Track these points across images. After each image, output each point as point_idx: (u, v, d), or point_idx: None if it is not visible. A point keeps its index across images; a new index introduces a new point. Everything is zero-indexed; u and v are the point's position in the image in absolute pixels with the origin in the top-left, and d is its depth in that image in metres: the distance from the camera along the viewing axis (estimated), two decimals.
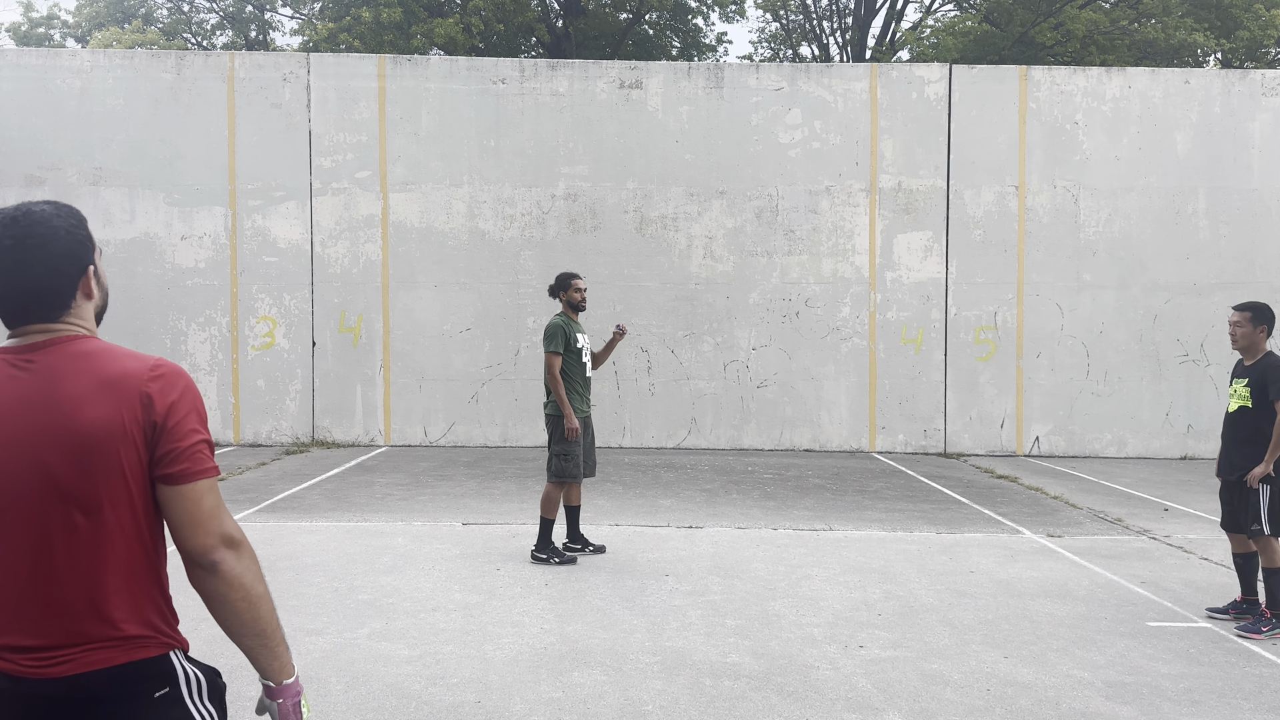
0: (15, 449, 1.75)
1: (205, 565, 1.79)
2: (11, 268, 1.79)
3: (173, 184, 13.06)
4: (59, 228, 1.82)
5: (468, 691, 4.54)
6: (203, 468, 1.81)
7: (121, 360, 1.81)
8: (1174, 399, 13.26)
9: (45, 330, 1.84)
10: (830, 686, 4.68)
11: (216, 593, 1.80)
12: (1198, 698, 4.63)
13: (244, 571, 1.81)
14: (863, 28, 27.30)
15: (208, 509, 1.80)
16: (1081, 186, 13.28)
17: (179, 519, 1.79)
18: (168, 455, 1.78)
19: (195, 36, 26.68)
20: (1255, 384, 5.63)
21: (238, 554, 1.82)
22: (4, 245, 1.78)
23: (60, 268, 1.82)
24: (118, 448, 1.75)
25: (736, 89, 13.31)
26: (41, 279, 1.81)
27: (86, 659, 1.74)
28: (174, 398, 1.80)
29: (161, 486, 1.80)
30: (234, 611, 1.81)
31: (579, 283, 7.11)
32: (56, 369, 1.78)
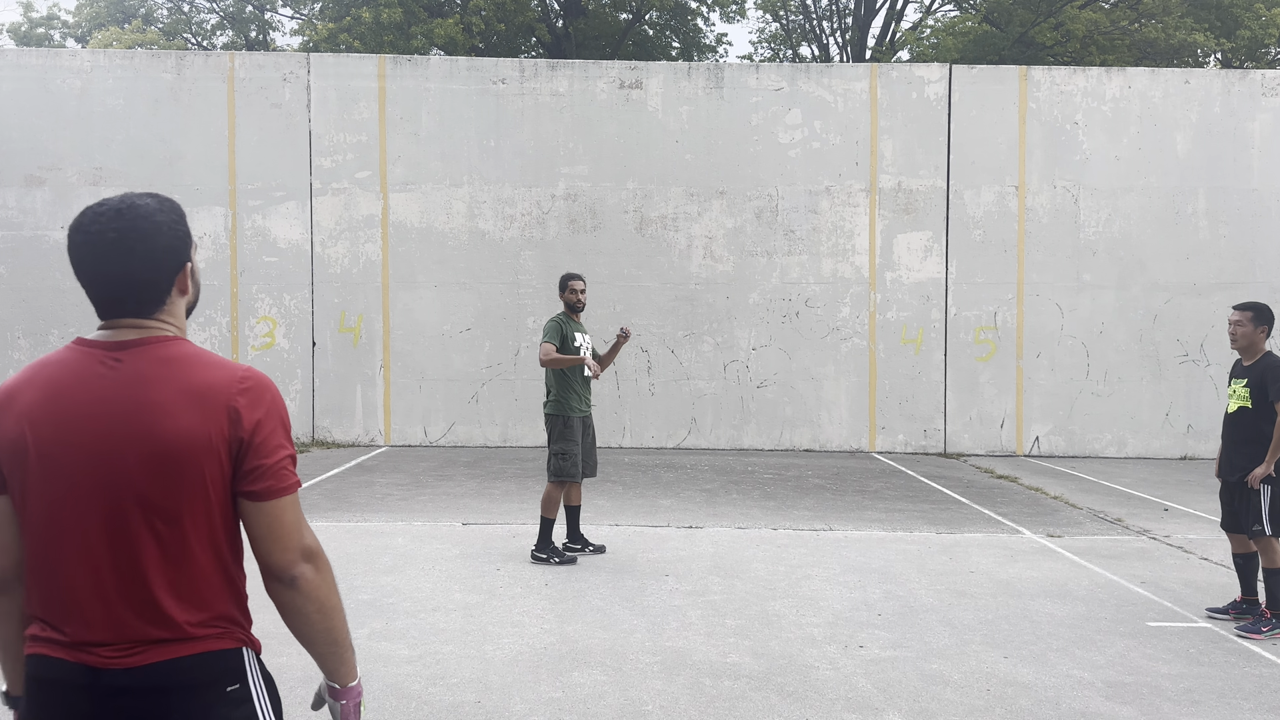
0: (97, 453, 1.74)
1: (284, 580, 1.80)
2: (113, 260, 1.78)
3: (173, 184, 13.05)
4: (162, 222, 1.81)
5: (468, 691, 4.54)
6: (286, 484, 1.81)
7: (209, 369, 1.79)
8: (1174, 399, 13.26)
9: (137, 327, 1.83)
10: (830, 686, 4.68)
11: (293, 605, 1.82)
12: (1198, 698, 4.63)
13: (321, 584, 1.84)
14: (863, 28, 27.31)
15: (289, 524, 1.81)
16: (1081, 186, 13.28)
17: (260, 534, 1.80)
18: (253, 472, 1.78)
19: (195, 36, 26.67)
20: (1255, 384, 5.63)
21: (316, 567, 1.84)
22: (107, 238, 1.77)
23: (161, 262, 1.81)
24: (201, 461, 1.74)
25: (736, 89, 13.31)
26: (141, 273, 1.80)
27: (161, 651, 1.75)
28: (261, 414, 1.79)
29: (244, 501, 1.79)
30: (309, 623, 1.84)
31: (576, 284, 7.13)
32: (143, 373, 1.77)
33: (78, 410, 1.76)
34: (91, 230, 1.78)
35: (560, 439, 6.91)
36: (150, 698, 1.74)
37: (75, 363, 1.82)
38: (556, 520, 7.05)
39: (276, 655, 4.91)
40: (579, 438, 6.96)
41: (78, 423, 1.75)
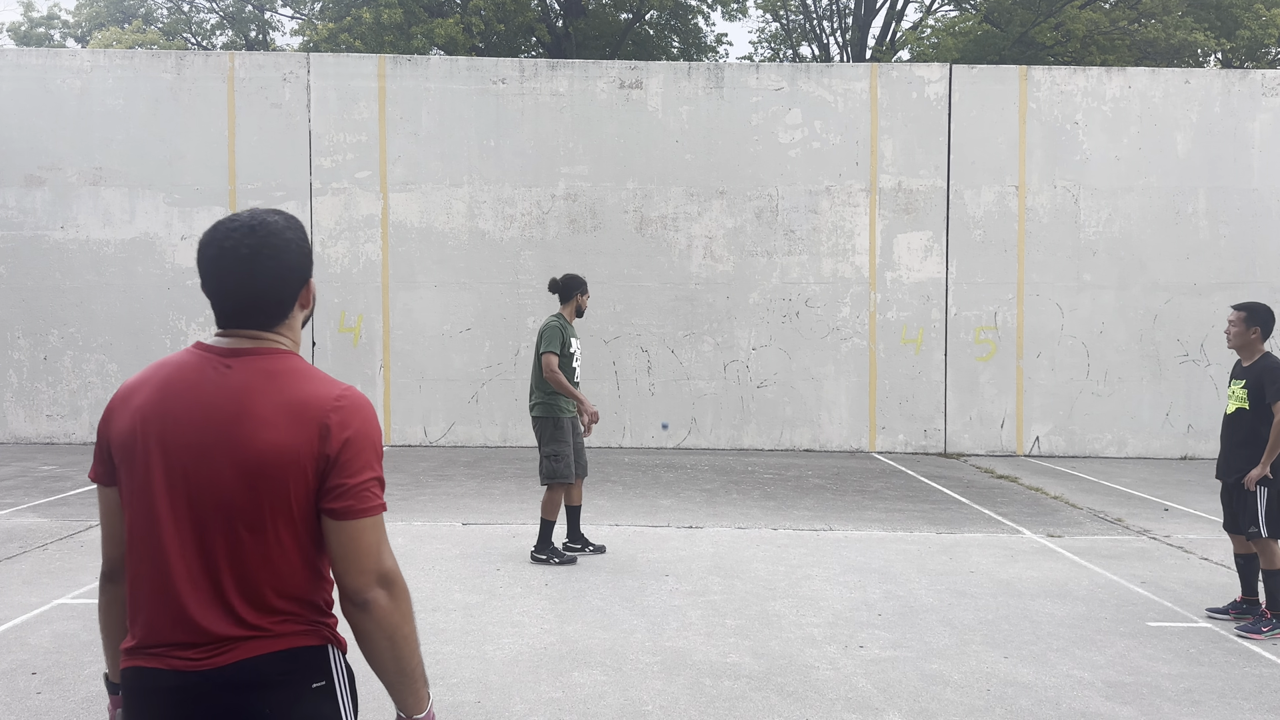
0: (194, 456, 1.79)
1: (357, 603, 1.80)
2: (245, 276, 1.84)
3: (172, 184, 13.06)
4: (290, 240, 1.88)
5: (468, 691, 4.54)
6: (366, 506, 1.80)
7: (310, 384, 1.83)
8: (1174, 399, 13.26)
9: (254, 337, 1.88)
10: (830, 686, 4.68)
11: (364, 630, 1.82)
12: (1198, 698, 4.62)
13: (393, 612, 1.82)
14: (863, 28, 27.30)
15: (366, 546, 1.80)
16: (1081, 186, 13.28)
17: (337, 553, 1.80)
18: (335, 490, 1.79)
19: (195, 36, 26.67)
20: (1252, 386, 5.62)
21: (390, 594, 1.82)
22: (240, 253, 1.83)
23: (288, 279, 1.88)
24: (288, 474, 1.77)
25: (736, 89, 13.31)
26: (270, 289, 1.86)
27: (246, 649, 1.78)
28: (350, 433, 1.80)
29: (325, 518, 1.81)
30: (378, 650, 1.83)
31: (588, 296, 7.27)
32: (250, 385, 1.81)
33: (184, 413, 1.81)
34: (225, 245, 1.84)
35: (551, 440, 6.88)
36: (237, 694, 1.77)
37: (190, 366, 1.87)
38: (558, 521, 7.04)
39: None
40: (569, 438, 6.94)
41: (182, 425, 1.80)
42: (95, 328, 13.03)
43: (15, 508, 8.69)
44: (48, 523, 8.07)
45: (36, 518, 8.26)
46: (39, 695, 4.42)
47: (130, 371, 12.99)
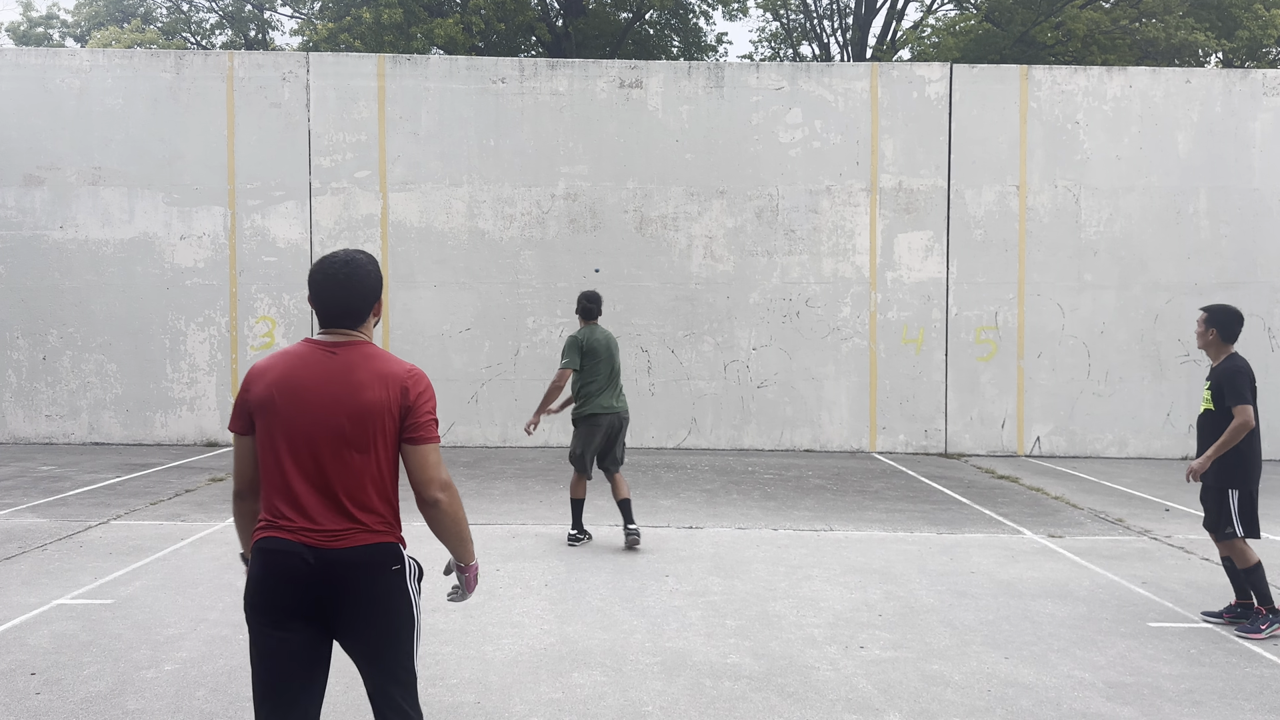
0: (319, 410, 2.72)
1: (429, 500, 2.78)
2: (341, 293, 2.82)
3: (172, 184, 13.05)
4: (370, 271, 2.87)
5: (468, 692, 4.53)
6: (432, 435, 2.80)
7: (390, 362, 2.82)
8: (1175, 399, 13.25)
9: (347, 335, 2.84)
10: (830, 687, 4.67)
11: (435, 518, 2.80)
12: (1199, 698, 4.61)
13: (452, 504, 2.82)
14: (863, 27, 27.29)
15: (433, 462, 2.79)
16: (1082, 186, 13.27)
17: (414, 467, 2.78)
18: (412, 425, 2.78)
19: (194, 36, 26.66)
20: (1214, 388, 5.71)
21: (449, 495, 2.81)
22: (338, 279, 2.82)
23: (367, 296, 2.85)
24: (383, 417, 2.75)
25: (737, 88, 13.29)
26: (356, 302, 2.84)
27: (355, 538, 2.71)
28: (418, 391, 2.80)
29: (405, 445, 2.79)
30: (444, 528, 2.82)
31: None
32: (352, 362, 2.78)
33: (308, 382, 2.75)
34: (328, 272, 2.83)
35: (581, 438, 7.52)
36: (347, 569, 2.70)
37: (307, 353, 2.80)
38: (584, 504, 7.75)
39: None
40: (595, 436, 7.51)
41: (307, 390, 2.74)
42: (94, 328, 13.02)
43: (14, 508, 8.68)
44: (47, 523, 8.06)
45: (35, 518, 8.25)
46: (38, 695, 4.41)
47: (130, 371, 12.99)
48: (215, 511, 8.48)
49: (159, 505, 8.83)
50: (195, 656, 4.92)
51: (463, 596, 3.05)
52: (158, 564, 6.75)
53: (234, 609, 5.67)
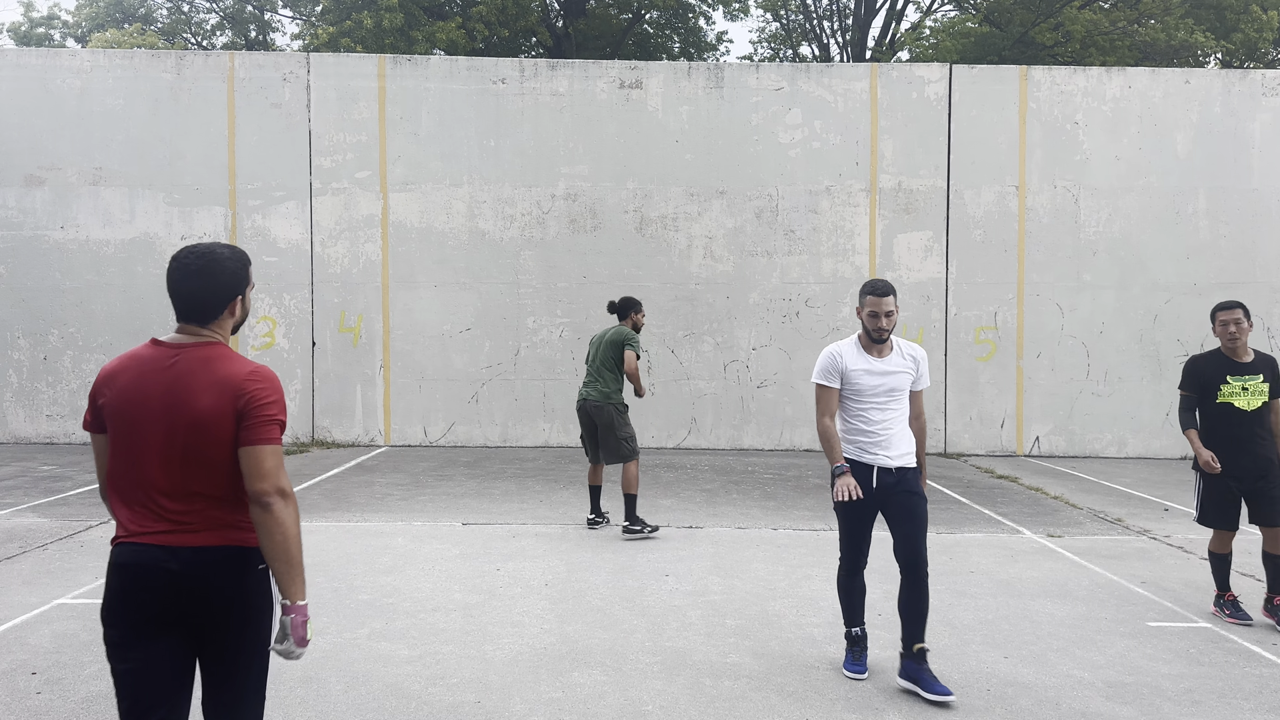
0: (160, 417, 2.60)
1: (260, 504, 2.56)
2: (193, 286, 2.69)
3: (172, 184, 13.06)
4: (227, 267, 2.73)
5: (468, 691, 4.54)
6: (264, 436, 2.58)
7: (233, 365, 2.65)
8: (1174, 399, 13.25)
9: (195, 334, 2.70)
10: (830, 686, 4.68)
11: (262, 524, 2.56)
12: (1198, 698, 4.62)
13: (286, 512, 2.57)
14: (863, 28, 27.30)
15: (269, 466, 2.57)
16: (1082, 186, 13.28)
17: (246, 470, 2.57)
18: (246, 427, 2.59)
19: (195, 37, 26.67)
20: (1272, 379, 5.75)
21: (285, 501, 2.57)
22: (191, 269, 2.69)
23: (219, 292, 2.71)
24: (219, 426, 2.59)
25: (736, 89, 13.31)
26: (207, 296, 2.70)
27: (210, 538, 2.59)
28: (255, 389, 2.61)
29: (239, 449, 2.59)
30: (272, 540, 2.56)
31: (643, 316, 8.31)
32: (191, 368, 2.63)
33: (148, 391, 2.63)
34: (182, 262, 2.70)
35: (626, 424, 7.86)
36: (208, 568, 2.57)
37: (149, 359, 2.67)
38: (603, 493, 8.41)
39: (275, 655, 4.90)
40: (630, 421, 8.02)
41: (148, 400, 2.62)
42: (95, 328, 13.03)
43: (15, 508, 8.69)
44: (48, 523, 8.07)
45: (36, 518, 8.26)
46: (39, 695, 4.42)
47: None
48: None
49: None
50: None
51: (289, 648, 2.60)
52: None
53: None
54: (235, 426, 2.58)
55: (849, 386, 4.74)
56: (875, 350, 4.75)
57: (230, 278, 2.71)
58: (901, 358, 4.75)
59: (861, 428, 4.74)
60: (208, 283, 2.68)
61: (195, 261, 2.68)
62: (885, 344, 4.75)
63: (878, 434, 4.69)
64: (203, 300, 2.68)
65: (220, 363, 2.64)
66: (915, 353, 4.80)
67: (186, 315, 2.70)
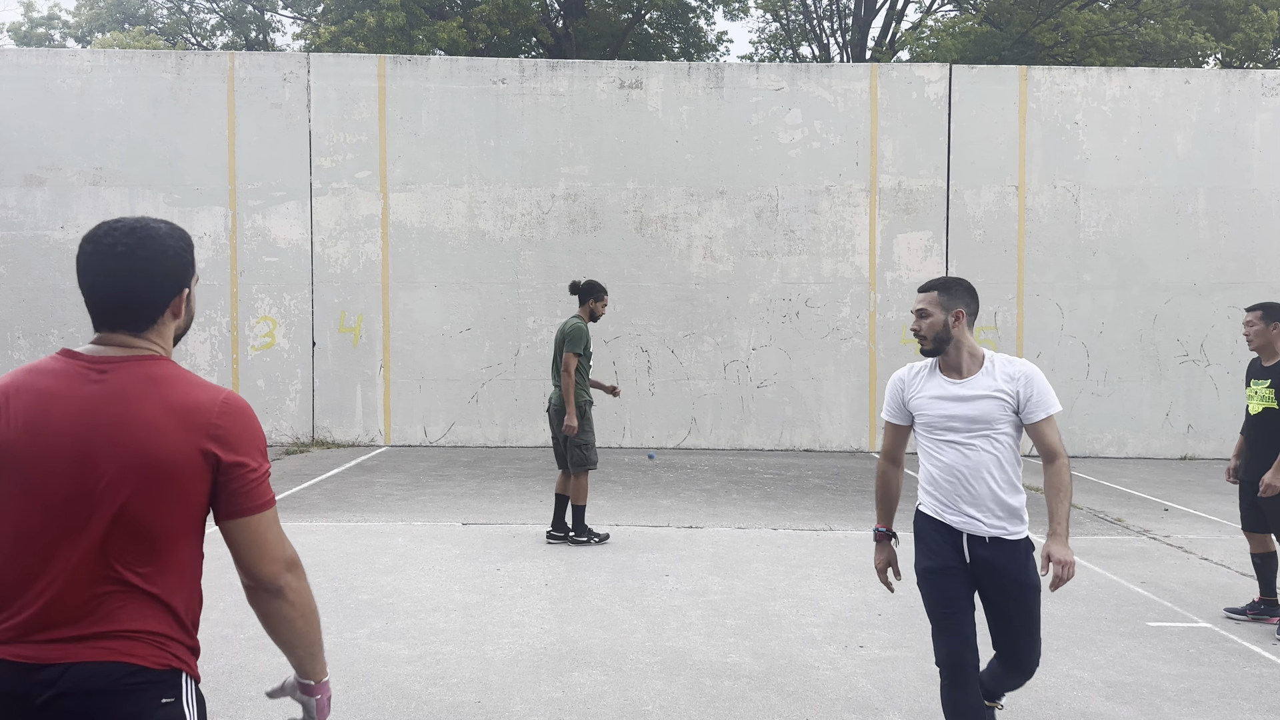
0: (76, 461, 1.79)
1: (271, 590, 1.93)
2: (118, 275, 1.87)
3: (173, 184, 13.06)
4: (169, 247, 1.92)
5: (468, 691, 4.54)
6: (264, 499, 1.89)
7: (192, 389, 1.87)
8: (1174, 399, 13.26)
9: (126, 344, 1.91)
10: (830, 686, 4.68)
11: (280, 613, 1.94)
12: (1198, 698, 4.62)
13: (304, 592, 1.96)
14: (863, 28, 27.30)
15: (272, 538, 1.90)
16: (1081, 186, 13.28)
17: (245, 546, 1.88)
18: (236, 490, 1.85)
19: (195, 37, 26.67)
20: (1278, 385, 5.59)
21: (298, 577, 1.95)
22: (116, 251, 1.87)
23: (161, 284, 1.91)
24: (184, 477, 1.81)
25: (736, 89, 13.31)
26: (141, 290, 1.89)
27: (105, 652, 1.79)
28: (240, 430, 1.86)
29: (226, 521, 1.87)
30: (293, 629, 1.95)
31: (607, 300, 7.63)
32: (128, 391, 1.83)
33: (61, 424, 1.80)
34: (103, 242, 1.87)
35: (580, 430, 7.34)
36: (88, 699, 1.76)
37: (62, 375, 1.87)
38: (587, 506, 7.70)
39: (276, 654, 4.91)
40: (593, 427, 7.51)
41: (61, 432, 1.80)
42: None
43: None
44: None
45: None
46: None
47: None
48: None
49: None
50: None
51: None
52: None
53: (234, 609, 5.68)
54: (209, 481, 1.83)
55: (919, 418, 3.56)
56: (951, 370, 3.52)
57: (174, 263, 1.92)
58: (993, 379, 3.45)
59: (934, 474, 3.50)
60: (142, 270, 1.87)
61: (123, 242, 1.87)
62: (965, 360, 3.50)
63: (958, 485, 3.44)
64: (136, 297, 1.89)
65: (172, 386, 1.85)
66: (1018, 370, 3.49)
67: (111, 319, 1.91)
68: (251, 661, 4.87)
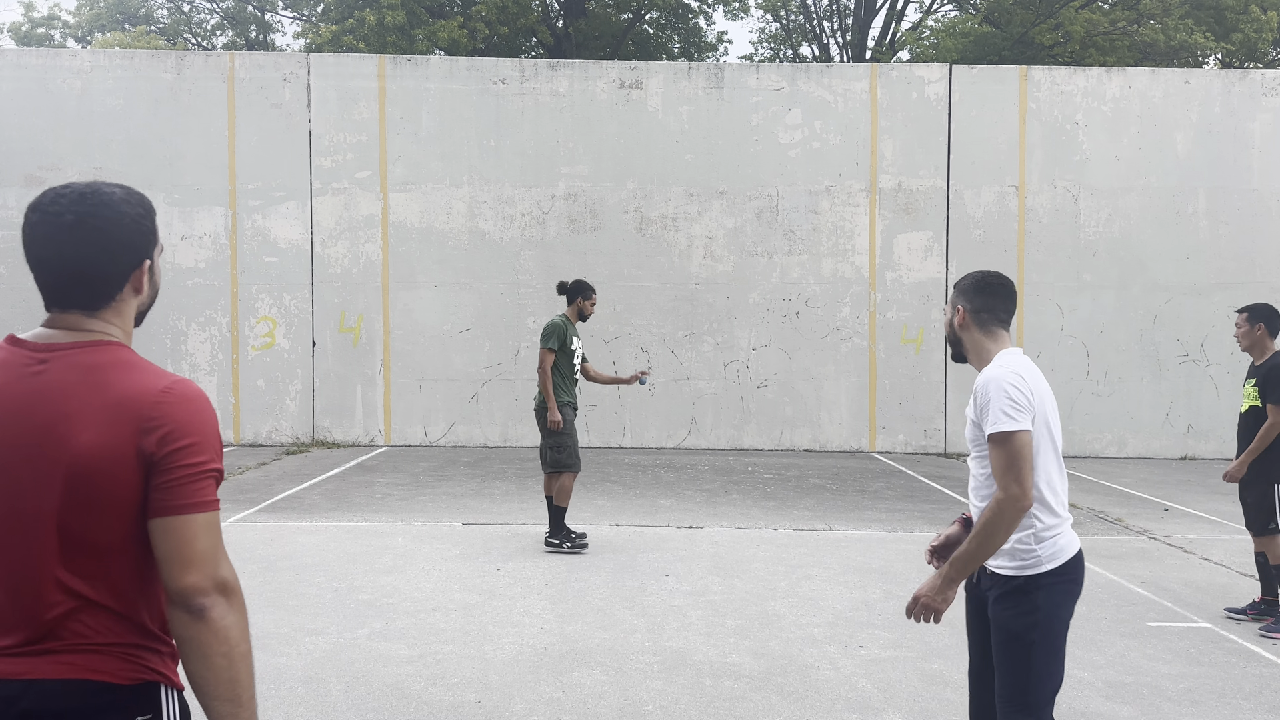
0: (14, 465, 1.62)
1: (191, 609, 1.63)
2: (68, 246, 1.67)
3: (173, 184, 13.06)
4: (126, 214, 1.70)
5: (468, 691, 4.54)
6: (196, 499, 1.63)
7: (135, 378, 1.65)
8: (1174, 399, 13.26)
9: (75, 328, 1.71)
10: (830, 686, 4.68)
11: (197, 641, 1.63)
12: (1198, 698, 4.62)
13: (234, 624, 1.64)
14: (863, 28, 27.30)
15: (201, 548, 1.62)
16: (1081, 186, 13.28)
17: (167, 552, 1.61)
18: (164, 484, 1.61)
19: (195, 37, 26.68)
20: (1261, 384, 5.68)
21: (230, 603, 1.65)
22: (65, 220, 1.66)
23: (117, 255, 1.70)
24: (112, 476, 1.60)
25: (736, 89, 13.31)
26: (95, 263, 1.68)
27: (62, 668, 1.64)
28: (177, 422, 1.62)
29: (152, 518, 1.62)
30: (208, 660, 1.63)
31: (595, 299, 7.59)
32: (66, 382, 1.64)
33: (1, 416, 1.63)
34: (50, 211, 1.67)
35: (563, 432, 7.20)
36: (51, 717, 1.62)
37: (2, 365, 1.70)
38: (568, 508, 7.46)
39: (275, 655, 4.91)
40: (572, 428, 7.31)
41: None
42: None
43: None
44: None
45: None
46: None
47: None
48: None
49: None
50: None
51: None
52: None
53: None
54: (142, 481, 1.61)
55: None
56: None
57: (130, 232, 1.70)
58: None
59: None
60: (94, 241, 1.67)
61: (72, 210, 1.66)
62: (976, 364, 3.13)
63: (970, 506, 3.11)
64: (89, 271, 1.69)
65: (116, 374, 1.65)
66: (980, 379, 2.98)
67: (63, 298, 1.72)
68: None
